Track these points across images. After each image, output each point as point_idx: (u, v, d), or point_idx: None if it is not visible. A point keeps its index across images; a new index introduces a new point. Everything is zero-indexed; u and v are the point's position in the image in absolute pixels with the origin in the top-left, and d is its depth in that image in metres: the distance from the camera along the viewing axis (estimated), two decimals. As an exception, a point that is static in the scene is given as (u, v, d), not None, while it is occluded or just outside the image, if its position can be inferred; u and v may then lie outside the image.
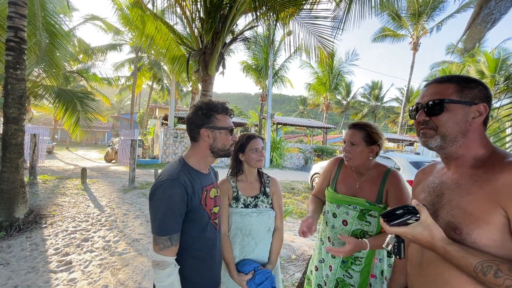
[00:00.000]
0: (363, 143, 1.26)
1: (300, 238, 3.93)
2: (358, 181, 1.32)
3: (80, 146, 30.59)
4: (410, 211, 0.68)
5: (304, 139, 29.39)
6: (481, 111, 0.72)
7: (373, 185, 1.27)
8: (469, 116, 0.72)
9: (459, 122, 0.73)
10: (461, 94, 0.73)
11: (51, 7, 6.25)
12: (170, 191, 0.94)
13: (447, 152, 0.77)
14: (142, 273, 2.69)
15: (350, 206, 1.28)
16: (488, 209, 0.64)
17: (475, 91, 0.73)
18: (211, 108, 1.05)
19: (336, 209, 1.34)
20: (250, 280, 1.22)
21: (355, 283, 1.25)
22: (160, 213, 0.93)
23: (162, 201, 0.93)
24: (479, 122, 0.73)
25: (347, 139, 1.31)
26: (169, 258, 0.94)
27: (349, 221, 1.28)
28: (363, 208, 1.25)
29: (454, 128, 0.73)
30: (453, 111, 0.73)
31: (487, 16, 1.16)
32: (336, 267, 1.30)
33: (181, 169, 1.02)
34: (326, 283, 1.33)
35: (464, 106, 0.72)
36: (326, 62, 4.79)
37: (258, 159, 1.38)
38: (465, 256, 0.62)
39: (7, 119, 3.66)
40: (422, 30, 18.09)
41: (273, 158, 14.11)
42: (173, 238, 0.95)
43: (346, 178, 1.37)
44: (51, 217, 4.22)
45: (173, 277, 0.94)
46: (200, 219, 1.04)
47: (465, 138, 0.74)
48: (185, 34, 5.93)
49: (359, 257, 1.26)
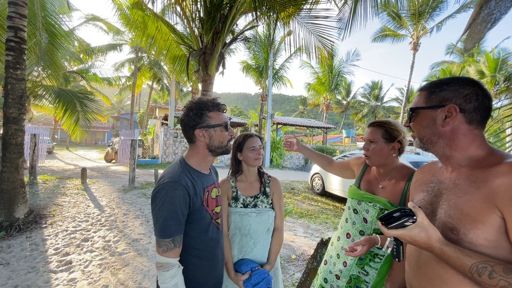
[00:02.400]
0: (382, 141, 1.25)
1: (300, 238, 3.93)
2: (381, 182, 1.29)
3: (80, 146, 30.59)
4: (407, 214, 0.69)
5: (304, 139, 29.39)
6: (450, 111, 0.73)
7: (397, 186, 1.23)
8: (438, 118, 0.75)
9: (428, 126, 0.78)
10: (428, 100, 0.78)
11: (51, 7, 6.24)
12: (172, 193, 0.93)
13: (434, 152, 0.81)
14: (142, 273, 2.69)
15: (370, 203, 1.26)
16: (484, 210, 0.65)
17: (443, 93, 0.75)
18: (202, 107, 1.04)
19: (357, 205, 1.32)
20: (246, 280, 1.21)
21: (370, 280, 1.23)
22: (163, 215, 0.93)
23: (164, 204, 0.93)
24: (455, 122, 0.74)
25: (366, 137, 1.30)
26: (172, 260, 0.94)
27: (368, 220, 1.26)
28: (383, 208, 1.22)
29: (425, 132, 0.79)
30: (420, 116, 0.80)
31: (487, 16, 1.15)
32: (352, 263, 1.28)
33: (182, 170, 1.02)
34: (339, 277, 1.31)
35: (430, 111, 0.77)
36: (326, 62, 4.79)
37: (255, 158, 1.38)
38: (460, 257, 0.63)
39: (7, 119, 3.66)
40: (422, 30, 18.07)
41: (273, 158, 14.11)
42: (176, 240, 0.95)
43: (370, 178, 1.36)
44: (51, 217, 4.22)
45: (177, 278, 0.94)
46: (202, 220, 1.04)
47: (443, 139, 0.76)
48: (186, 34, 5.92)
49: (379, 254, 1.23)
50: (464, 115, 0.73)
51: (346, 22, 3.50)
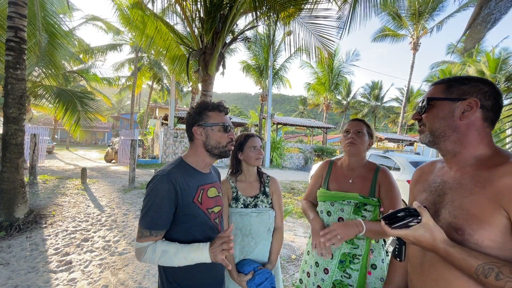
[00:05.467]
0: (366, 135, 1.34)
1: (300, 238, 3.93)
2: (350, 177, 1.34)
3: (80, 146, 30.58)
4: (412, 214, 0.68)
5: (304, 139, 29.39)
6: (471, 105, 0.72)
7: (365, 180, 1.30)
8: (457, 111, 0.74)
9: (445, 117, 0.76)
10: (447, 92, 0.76)
11: (51, 7, 6.24)
12: (157, 186, 0.96)
13: (442, 148, 0.78)
14: (142, 273, 2.69)
15: (344, 201, 1.29)
16: (490, 210, 0.64)
17: (464, 87, 0.74)
18: (202, 106, 1.08)
19: (330, 207, 1.33)
20: (249, 281, 1.21)
21: (353, 283, 1.23)
22: (146, 206, 0.96)
23: (148, 195, 0.97)
24: (473, 116, 0.73)
25: (353, 129, 1.34)
26: (146, 243, 0.96)
27: (345, 217, 1.27)
28: (357, 202, 1.26)
29: (440, 123, 0.77)
30: (438, 107, 0.77)
31: (487, 16, 1.15)
32: (334, 268, 1.27)
33: (175, 166, 1.04)
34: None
35: (450, 102, 0.75)
36: (326, 62, 4.79)
37: (256, 157, 1.38)
38: (466, 258, 0.62)
39: (7, 119, 3.66)
40: (422, 30, 18.08)
41: (273, 158, 14.11)
42: (152, 231, 0.96)
43: (338, 177, 1.39)
44: (51, 217, 4.22)
45: (159, 247, 0.96)
46: (195, 218, 1.03)
47: (457, 133, 0.74)
48: (186, 34, 5.92)
49: (357, 254, 1.25)
50: (482, 111, 0.72)
51: (345, 21, 3.49)
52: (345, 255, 1.26)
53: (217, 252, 0.94)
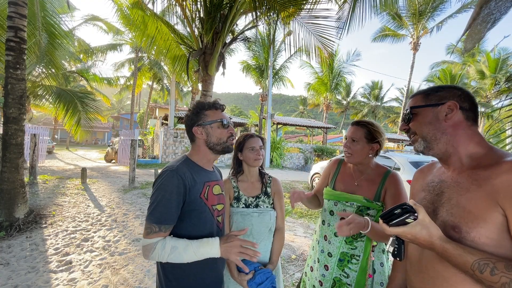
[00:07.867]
0: (364, 140, 1.28)
1: (300, 238, 3.93)
2: (357, 179, 1.33)
3: (80, 146, 30.58)
4: (408, 210, 0.69)
5: (304, 139, 29.38)
6: (451, 107, 0.77)
7: (372, 184, 1.27)
8: (440, 114, 0.79)
9: (431, 122, 0.80)
10: (426, 99, 0.83)
11: (51, 7, 6.24)
12: (166, 181, 0.97)
13: (437, 152, 0.81)
14: (142, 273, 2.69)
15: (347, 203, 1.28)
16: (486, 208, 0.65)
17: (441, 93, 0.81)
18: (199, 107, 1.10)
19: (333, 207, 1.34)
20: (250, 280, 1.21)
21: (351, 283, 1.24)
22: (155, 201, 0.96)
23: (157, 190, 0.97)
24: (456, 117, 0.77)
25: (349, 136, 1.32)
26: (155, 239, 0.94)
27: None
28: (360, 205, 1.25)
29: (429, 128, 0.81)
30: (422, 114, 0.83)
31: (487, 16, 1.15)
32: (333, 266, 1.29)
33: (182, 162, 1.05)
34: (322, 283, 1.32)
35: (431, 108, 0.81)
36: (327, 62, 4.79)
37: (255, 158, 1.37)
38: (462, 254, 0.63)
39: (7, 119, 3.66)
40: (422, 30, 18.05)
41: (273, 158, 14.11)
42: (162, 226, 0.95)
43: (345, 177, 1.38)
44: (51, 217, 4.22)
45: (168, 243, 0.94)
46: (200, 213, 1.04)
47: (446, 135, 0.78)
48: (186, 34, 5.92)
49: (356, 255, 1.25)
50: (462, 112, 0.77)
51: (344, 21, 3.49)
52: (344, 254, 1.28)
53: (233, 250, 0.95)
